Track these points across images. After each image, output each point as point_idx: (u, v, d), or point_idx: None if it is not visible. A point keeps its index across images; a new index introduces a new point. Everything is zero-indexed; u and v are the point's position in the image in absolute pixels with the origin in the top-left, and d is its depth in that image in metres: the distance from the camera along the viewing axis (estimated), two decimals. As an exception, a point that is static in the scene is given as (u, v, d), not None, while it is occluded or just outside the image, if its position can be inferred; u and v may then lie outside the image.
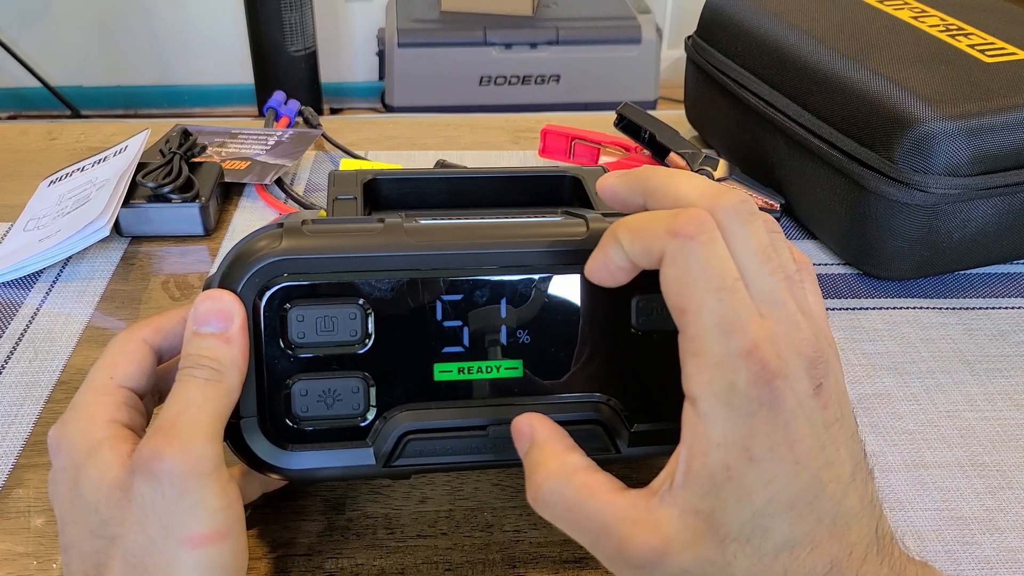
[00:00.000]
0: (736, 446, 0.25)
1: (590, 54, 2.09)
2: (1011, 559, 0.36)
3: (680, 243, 0.26)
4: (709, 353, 0.26)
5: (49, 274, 0.52)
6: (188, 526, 0.27)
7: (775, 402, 0.25)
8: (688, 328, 0.26)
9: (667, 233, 0.26)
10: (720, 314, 0.26)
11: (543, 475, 0.28)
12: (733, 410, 0.25)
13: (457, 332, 0.32)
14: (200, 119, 0.71)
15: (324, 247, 0.31)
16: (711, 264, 0.26)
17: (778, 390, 0.25)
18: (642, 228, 0.27)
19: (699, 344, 0.26)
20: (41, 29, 2.34)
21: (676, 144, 0.59)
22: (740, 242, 0.27)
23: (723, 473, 0.25)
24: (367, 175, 0.38)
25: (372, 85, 2.51)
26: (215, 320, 0.30)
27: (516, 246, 0.31)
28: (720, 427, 0.26)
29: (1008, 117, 0.48)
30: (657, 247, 0.27)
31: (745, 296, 0.26)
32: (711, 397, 0.26)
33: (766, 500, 0.25)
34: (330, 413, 0.31)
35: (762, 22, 0.59)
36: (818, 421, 0.26)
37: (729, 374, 0.25)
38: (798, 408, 0.26)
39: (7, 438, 0.41)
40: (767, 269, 0.27)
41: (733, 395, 0.25)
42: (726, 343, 0.25)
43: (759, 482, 0.25)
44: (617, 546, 0.26)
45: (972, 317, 0.50)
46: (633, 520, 0.26)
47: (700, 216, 0.26)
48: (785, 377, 0.26)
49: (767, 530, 0.25)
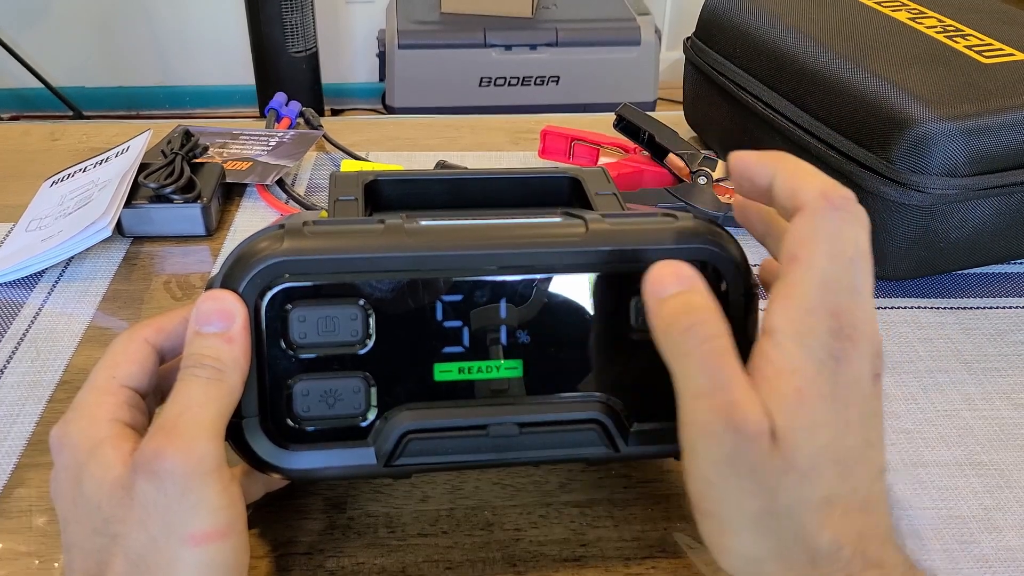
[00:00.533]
0: (806, 376, 0.27)
1: (589, 55, 2.09)
2: (1009, 558, 0.36)
3: (825, 206, 0.29)
4: (804, 298, 0.28)
5: (51, 274, 0.53)
6: (190, 524, 0.27)
7: (843, 360, 0.28)
8: (791, 274, 0.28)
9: (819, 193, 0.29)
10: (827, 274, 0.28)
11: (704, 316, 0.29)
12: (808, 350, 0.28)
13: (457, 332, 0.32)
14: (202, 120, 0.71)
15: (325, 248, 0.31)
16: (840, 235, 0.28)
17: (848, 352, 0.28)
18: (800, 175, 0.30)
19: (796, 289, 0.28)
20: (42, 30, 2.34)
21: (675, 145, 0.59)
22: (861, 236, 0.29)
23: (795, 395, 0.27)
24: (368, 176, 0.38)
25: (373, 86, 2.51)
26: (217, 320, 0.30)
27: (516, 247, 0.32)
28: (795, 357, 0.28)
29: (1005, 118, 0.48)
30: (803, 197, 0.29)
31: (852, 273, 0.28)
32: (791, 333, 0.28)
33: (824, 442, 0.27)
34: (331, 413, 0.32)
35: (760, 24, 0.59)
36: (869, 404, 0.29)
37: (813, 320, 0.28)
38: (859, 378, 0.28)
39: (9, 438, 0.41)
40: (867, 267, 0.29)
41: (811, 338, 0.28)
42: (822, 297, 0.28)
43: (821, 419, 0.27)
44: (730, 404, 0.27)
45: (970, 317, 0.50)
46: (752, 397, 0.28)
47: (850, 196, 0.29)
48: (856, 347, 0.28)
49: (820, 476, 0.27)
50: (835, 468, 0.27)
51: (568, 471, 0.39)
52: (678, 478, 0.39)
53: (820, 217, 0.28)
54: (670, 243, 0.32)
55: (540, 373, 0.32)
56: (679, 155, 0.58)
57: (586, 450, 0.33)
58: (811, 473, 0.27)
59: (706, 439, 0.28)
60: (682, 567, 0.35)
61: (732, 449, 0.27)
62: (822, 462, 0.27)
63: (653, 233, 0.32)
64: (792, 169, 0.30)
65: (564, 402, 0.32)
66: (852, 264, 0.28)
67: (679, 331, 0.29)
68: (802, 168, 0.30)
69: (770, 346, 0.28)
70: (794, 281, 0.28)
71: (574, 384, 0.33)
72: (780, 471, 0.27)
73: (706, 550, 0.29)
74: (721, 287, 0.32)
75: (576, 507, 0.38)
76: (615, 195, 0.38)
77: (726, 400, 0.27)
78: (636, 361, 0.33)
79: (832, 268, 0.28)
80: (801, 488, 0.27)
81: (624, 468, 0.40)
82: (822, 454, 0.27)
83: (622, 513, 0.37)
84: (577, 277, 0.32)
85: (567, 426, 0.32)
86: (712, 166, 0.58)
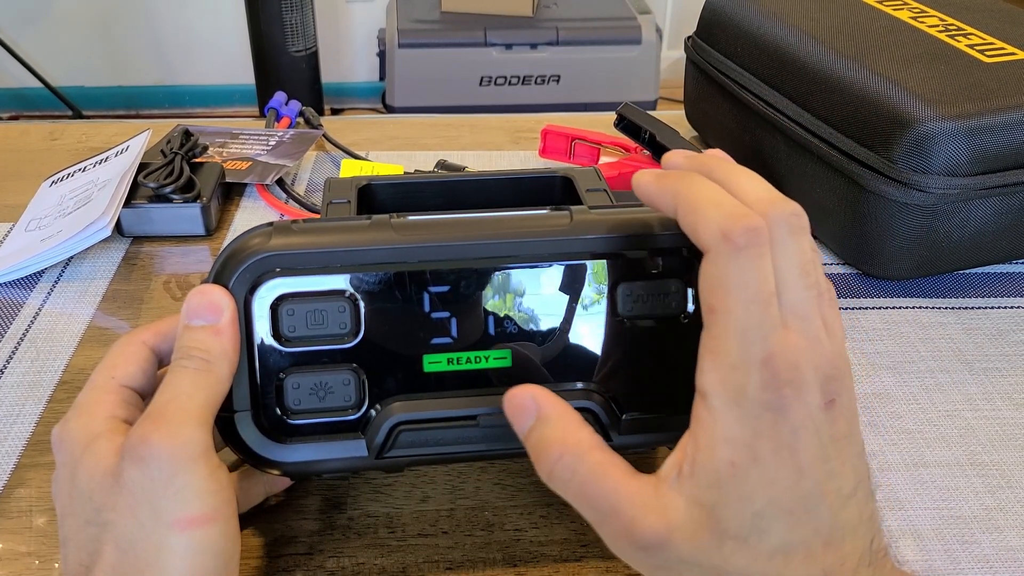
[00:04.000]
0: (741, 444, 0.26)
1: (590, 54, 2.09)
2: (1010, 558, 0.36)
3: (727, 249, 0.27)
4: (727, 354, 0.26)
5: (51, 274, 0.53)
6: (177, 509, 0.28)
7: (782, 409, 0.26)
8: (712, 327, 0.27)
9: (720, 234, 0.27)
10: (745, 323, 0.26)
11: (559, 450, 0.28)
12: (742, 410, 0.26)
13: (445, 323, 0.32)
14: (201, 119, 0.71)
15: (312, 243, 0.31)
16: (750, 277, 0.26)
17: (786, 398, 0.26)
18: (700, 209, 0.28)
19: (719, 344, 0.27)
20: (42, 29, 2.34)
21: (676, 144, 0.59)
22: (786, 254, 0.27)
23: (728, 469, 0.26)
24: (362, 181, 0.39)
25: (373, 85, 2.51)
26: (206, 313, 0.30)
27: (501, 237, 0.32)
28: (728, 425, 0.26)
29: (1007, 117, 0.48)
30: (704, 239, 0.27)
31: (775, 310, 0.27)
32: (722, 395, 0.26)
33: (766, 502, 0.26)
34: (322, 406, 0.32)
35: (762, 23, 0.59)
36: (825, 434, 0.27)
37: (742, 377, 0.26)
38: (806, 419, 0.26)
39: (9, 438, 0.41)
40: (804, 283, 0.27)
41: (743, 397, 0.26)
42: (745, 349, 0.26)
43: (761, 483, 0.26)
44: (626, 526, 0.27)
45: (971, 317, 0.50)
46: (643, 504, 0.27)
47: (755, 227, 0.27)
48: (796, 387, 0.26)
49: (764, 532, 0.26)
50: (787, 519, 0.26)
51: (569, 471, 0.39)
52: (679, 478, 0.39)
53: (725, 262, 0.27)
54: (655, 231, 0.32)
55: (528, 363, 0.32)
56: (680, 154, 0.58)
57: None
58: (751, 535, 0.26)
59: (629, 558, 0.28)
60: (683, 568, 0.35)
61: (651, 559, 0.27)
62: (765, 521, 0.26)
63: (638, 222, 0.33)
64: (691, 202, 0.28)
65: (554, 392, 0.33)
66: (772, 299, 0.26)
67: (555, 481, 0.28)
68: (702, 197, 0.28)
69: (704, 411, 0.27)
70: (716, 335, 0.27)
71: (563, 374, 0.33)
72: (714, 548, 0.26)
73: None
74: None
75: (577, 507, 0.38)
76: (605, 191, 0.38)
77: (619, 525, 0.27)
78: (625, 350, 0.33)
79: (748, 315, 0.26)
80: (743, 552, 0.26)
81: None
82: (764, 513, 0.26)
83: (623, 513, 0.37)
84: (563, 266, 0.32)
85: None
86: (713, 165, 0.57)
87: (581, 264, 0.32)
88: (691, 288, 0.33)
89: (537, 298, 0.32)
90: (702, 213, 0.28)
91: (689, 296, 0.33)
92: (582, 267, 0.32)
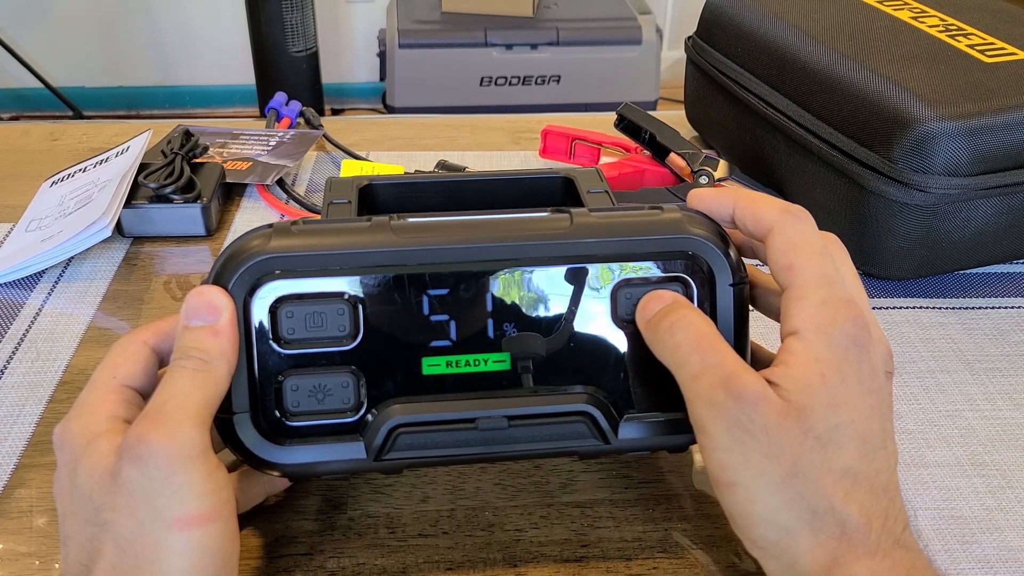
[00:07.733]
0: (831, 364, 0.29)
1: (590, 55, 2.09)
2: (1011, 558, 0.36)
3: (791, 217, 0.32)
4: (815, 295, 0.30)
5: (51, 275, 0.53)
6: (175, 509, 0.28)
7: (864, 347, 0.30)
8: (794, 280, 0.31)
9: (781, 210, 0.32)
10: (823, 269, 0.31)
11: (687, 309, 0.31)
12: (832, 339, 0.29)
13: (444, 326, 0.32)
14: (202, 120, 0.71)
15: (312, 245, 0.31)
16: (814, 236, 0.31)
17: (867, 341, 0.30)
18: (758, 202, 0.33)
19: (804, 291, 0.30)
20: (42, 30, 2.34)
21: (676, 144, 0.59)
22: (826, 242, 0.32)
23: (819, 380, 0.29)
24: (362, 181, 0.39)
25: (373, 86, 2.51)
26: (204, 313, 0.30)
27: (501, 240, 0.32)
28: (820, 348, 0.29)
29: (1007, 117, 0.48)
30: (768, 218, 0.32)
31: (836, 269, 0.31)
32: (813, 327, 0.30)
33: (847, 420, 0.29)
34: (321, 408, 0.32)
35: (762, 23, 0.59)
36: (885, 397, 0.30)
37: (831, 311, 0.30)
38: (876, 372, 0.30)
39: (9, 438, 0.41)
40: (853, 270, 0.32)
41: (833, 327, 0.30)
42: (829, 290, 0.30)
43: (845, 401, 0.29)
44: (728, 376, 0.29)
45: (972, 317, 0.50)
46: (748, 370, 0.29)
47: (805, 211, 0.32)
48: (872, 339, 0.30)
49: (840, 447, 0.29)
50: (858, 445, 0.29)
51: (569, 471, 0.39)
52: (679, 479, 0.39)
53: (792, 227, 0.31)
54: (656, 235, 0.32)
55: (528, 366, 0.32)
56: (680, 155, 0.58)
57: (576, 443, 0.33)
58: (830, 444, 0.28)
59: (711, 410, 0.29)
60: (683, 567, 0.35)
61: (738, 413, 0.28)
62: (843, 436, 0.29)
63: (639, 225, 0.33)
64: (748, 198, 0.33)
65: (553, 395, 0.33)
66: (834, 261, 0.31)
67: (665, 330, 0.31)
68: (757, 196, 0.33)
69: (795, 341, 0.30)
70: (800, 284, 0.30)
71: (562, 376, 0.33)
72: (796, 436, 0.28)
73: (708, 549, 0.29)
74: (708, 277, 0.33)
75: (577, 507, 0.38)
76: (607, 192, 0.38)
77: (722, 374, 0.29)
78: (625, 353, 0.33)
79: (824, 263, 0.31)
80: (820, 455, 0.28)
81: (625, 468, 0.40)
82: (844, 429, 0.29)
83: (623, 513, 0.37)
84: (563, 269, 0.32)
85: (556, 419, 0.33)
86: (713, 166, 0.57)
87: (581, 267, 0.32)
88: (691, 289, 0.33)
89: (537, 301, 0.32)
90: (761, 202, 0.33)
91: (693, 299, 0.33)
92: (582, 270, 0.32)
